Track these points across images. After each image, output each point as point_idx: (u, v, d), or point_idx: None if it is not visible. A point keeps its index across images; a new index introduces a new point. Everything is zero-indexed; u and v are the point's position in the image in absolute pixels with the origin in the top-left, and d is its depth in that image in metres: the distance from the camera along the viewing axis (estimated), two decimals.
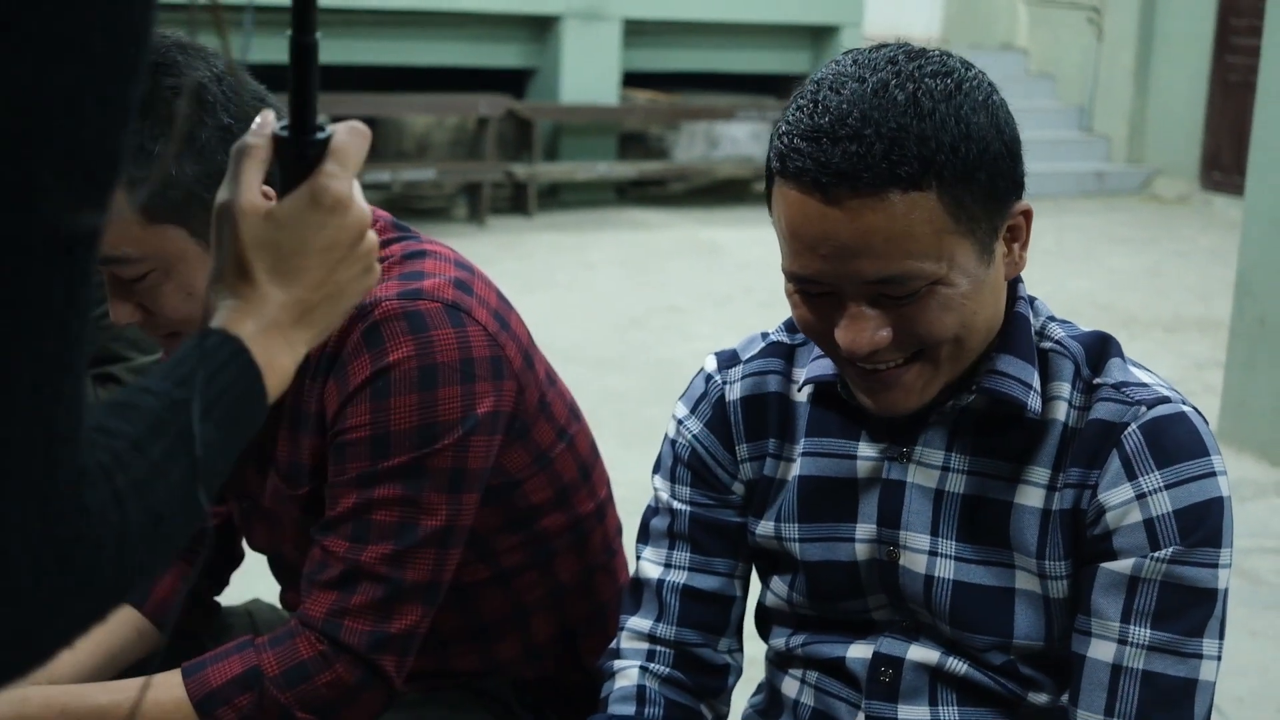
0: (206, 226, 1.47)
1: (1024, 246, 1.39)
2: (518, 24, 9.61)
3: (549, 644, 1.77)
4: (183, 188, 1.46)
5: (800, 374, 1.51)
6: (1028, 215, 1.38)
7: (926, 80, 1.28)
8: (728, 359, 1.56)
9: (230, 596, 1.95)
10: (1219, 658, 1.35)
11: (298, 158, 1.02)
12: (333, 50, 8.77)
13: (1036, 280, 7.81)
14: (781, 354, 1.54)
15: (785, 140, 1.30)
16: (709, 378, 1.57)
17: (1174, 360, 6.28)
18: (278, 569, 1.80)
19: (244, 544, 1.85)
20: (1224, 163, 10.98)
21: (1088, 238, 9.42)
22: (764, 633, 1.60)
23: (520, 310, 1.75)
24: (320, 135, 1.02)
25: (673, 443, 1.57)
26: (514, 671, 1.76)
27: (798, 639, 1.53)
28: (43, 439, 0.72)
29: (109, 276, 1.51)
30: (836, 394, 1.47)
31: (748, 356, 1.55)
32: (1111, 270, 8.35)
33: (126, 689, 1.53)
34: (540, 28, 9.69)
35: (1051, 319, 1.44)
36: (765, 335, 1.57)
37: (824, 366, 1.46)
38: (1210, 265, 8.53)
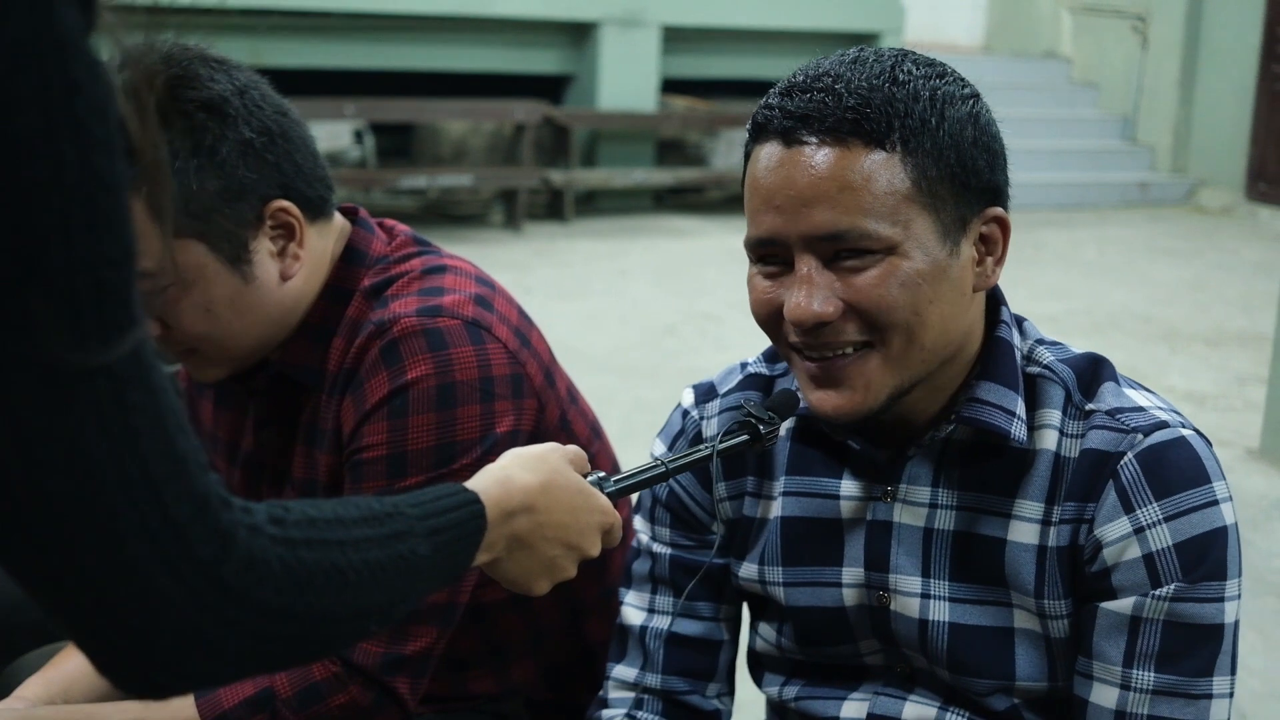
0: (225, 241, 1.47)
1: (998, 261, 1.32)
2: (556, 30, 9.61)
3: (566, 666, 1.74)
4: (202, 202, 1.44)
5: None
6: (1004, 226, 1.32)
7: (908, 63, 1.28)
8: (705, 392, 1.51)
9: None
10: (1230, 695, 1.28)
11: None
12: (372, 56, 8.81)
13: (1077, 292, 7.68)
14: (759, 386, 1.49)
15: (760, 105, 1.30)
16: (685, 413, 1.51)
17: (1216, 375, 6.20)
18: None
19: None
20: (1270, 174, 10.86)
21: (1130, 249, 9.32)
22: (757, 678, 1.54)
23: (554, 317, 1.74)
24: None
25: None
26: (530, 694, 1.73)
27: (790, 690, 1.47)
28: (142, 485, 0.77)
29: None
30: (817, 429, 1.41)
31: (725, 390, 1.50)
32: (1154, 282, 8.26)
33: (137, 709, 1.51)
34: (578, 34, 9.69)
35: (1040, 342, 1.38)
36: (744, 365, 1.52)
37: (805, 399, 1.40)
38: (1255, 278, 8.42)
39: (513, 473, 1.18)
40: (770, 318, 1.31)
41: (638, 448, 4.83)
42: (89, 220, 0.73)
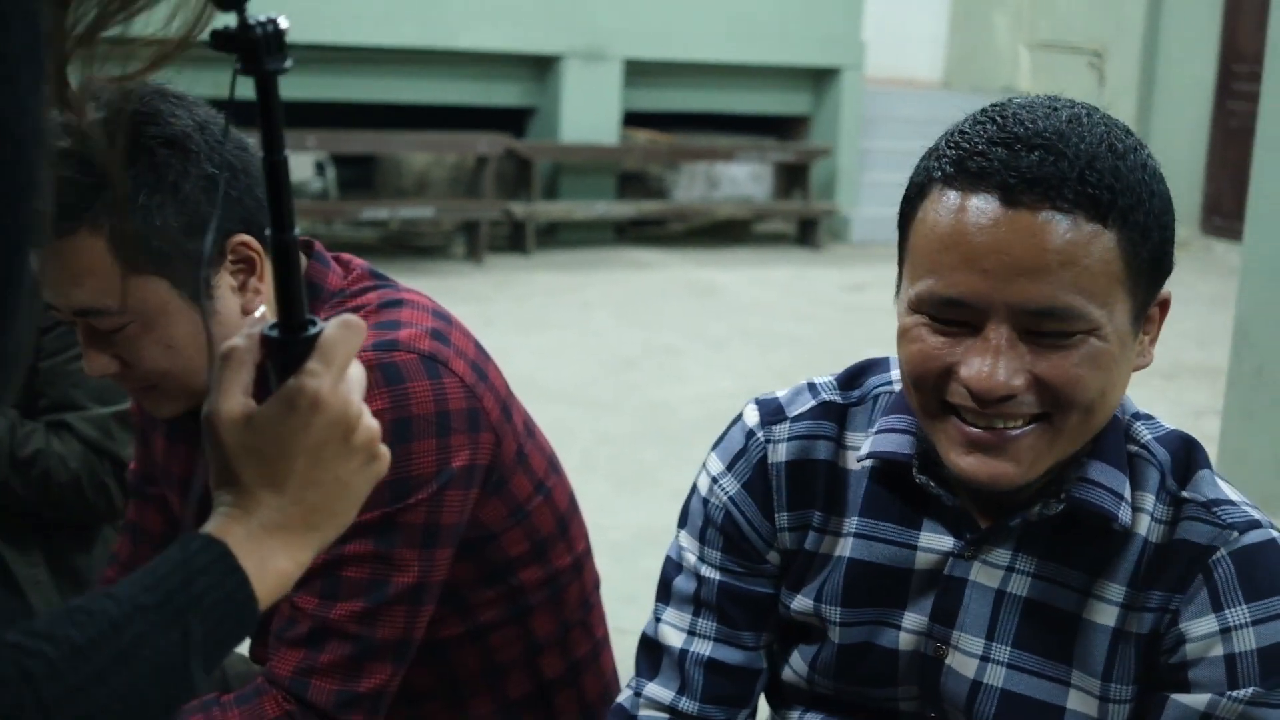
0: (188, 278, 1.47)
1: (1153, 341, 1.28)
2: (518, 63, 9.63)
3: (523, 702, 1.73)
4: (165, 239, 1.44)
5: (856, 439, 1.39)
6: (1164, 306, 1.27)
7: (1116, 128, 1.22)
8: (772, 413, 1.42)
9: None
10: None
11: (285, 357, 0.99)
12: (334, 87, 8.80)
13: None
14: (833, 416, 1.41)
15: (965, 146, 1.20)
16: (750, 434, 1.42)
17: (1171, 408, 6.24)
18: None
19: None
20: (1225, 208, 10.98)
21: None
22: (774, 701, 1.50)
23: (515, 350, 1.74)
24: (309, 332, 0.99)
25: (705, 501, 1.44)
26: None
27: (810, 718, 1.44)
28: None
29: (85, 327, 1.49)
30: (899, 474, 1.35)
31: (795, 413, 1.42)
32: None
33: None
34: (541, 67, 9.71)
35: (1136, 416, 1.34)
36: (814, 389, 1.44)
37: (896, 443, 1.34)
38: (1210, 312, 8.50)
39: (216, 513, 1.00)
40: (933, 376, 1.23)
41: (598, 480, 4.83)
42: None
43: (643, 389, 6.22)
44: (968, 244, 1.17)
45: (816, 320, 7.77)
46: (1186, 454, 1.32)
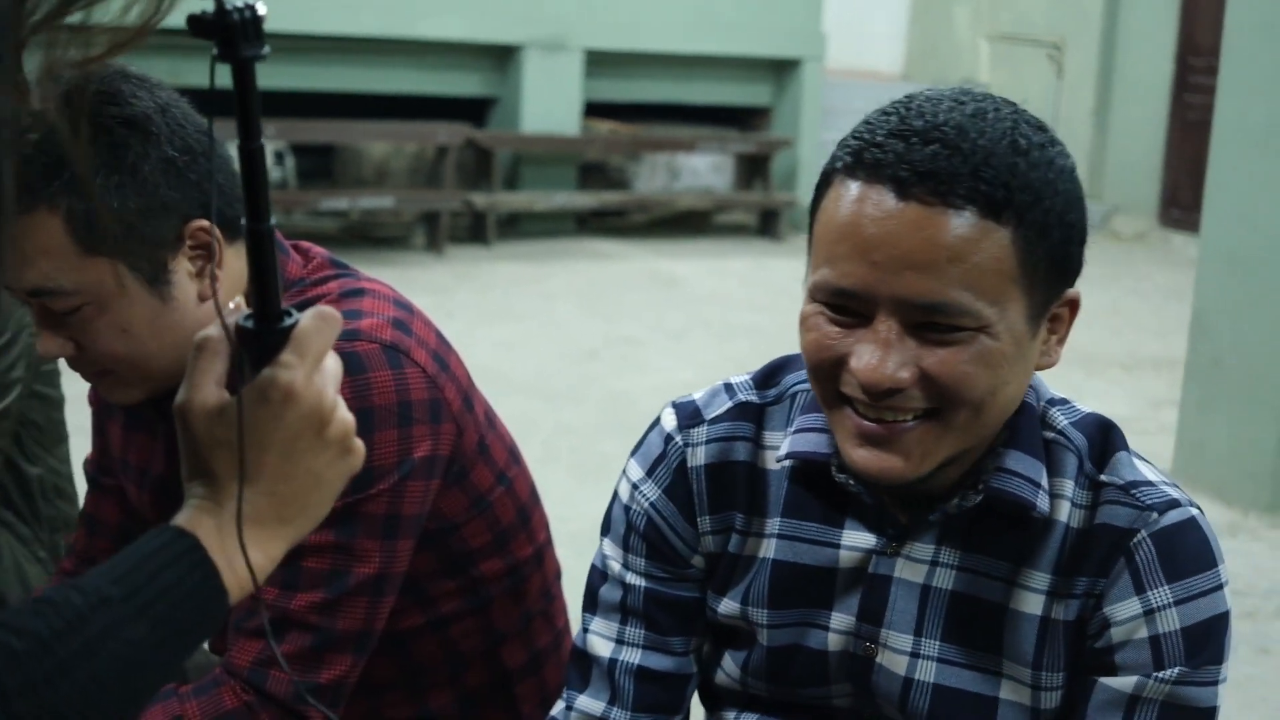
0: (145, 261, 1.45)
1: (1061, 341, 1.28)
2: (479, 53, 9.60)
3: (484, 692, 1.73)
4: (122, 220, 1.42)
5: (775, 439, 1.39)
6: (1074, 306, 1.27)
7: (1025, 124, 1.21)
8: (689, 416, 1.41)
9: None
10: None
11: (259, 347, 0.97)
12: (293, 76, 8.75)
13: None
14: (750, 416, 1.40)
15: (865, 137, 1.20)
16: (668, 438, 1.41)
17: (1130, 399, 6.29)
18: None
19: None
20: (1183, 200, 11.07)
21: None
22: (708, 703, 1.50)
23: (476, 341, 1.72)
24: (285, 323, 0.97)
25: (626, 509, 1.43)
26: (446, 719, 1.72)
27: (746, 718, 1.44)
28: None
29: (39, 308, 1.47)
30: (817, 473, 1.34)
31: (712, 415, 1.41)
32: None
33: None
34: (502, 57, 9.69)
35: (1051, 402, 1.34)
36: (730, 390, 1.43)
37: (815, 442, 1.33)
38: (1168, 303, 8.58)
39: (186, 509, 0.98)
40: (827, 365, 1.23)
41: (559, 471, 4.83)
42: None
43: (603, 380, 6.22)
44: (860, 235, 1.17)
45: (775, 311, 7.78)
46: (1103, 437, 1.32)
